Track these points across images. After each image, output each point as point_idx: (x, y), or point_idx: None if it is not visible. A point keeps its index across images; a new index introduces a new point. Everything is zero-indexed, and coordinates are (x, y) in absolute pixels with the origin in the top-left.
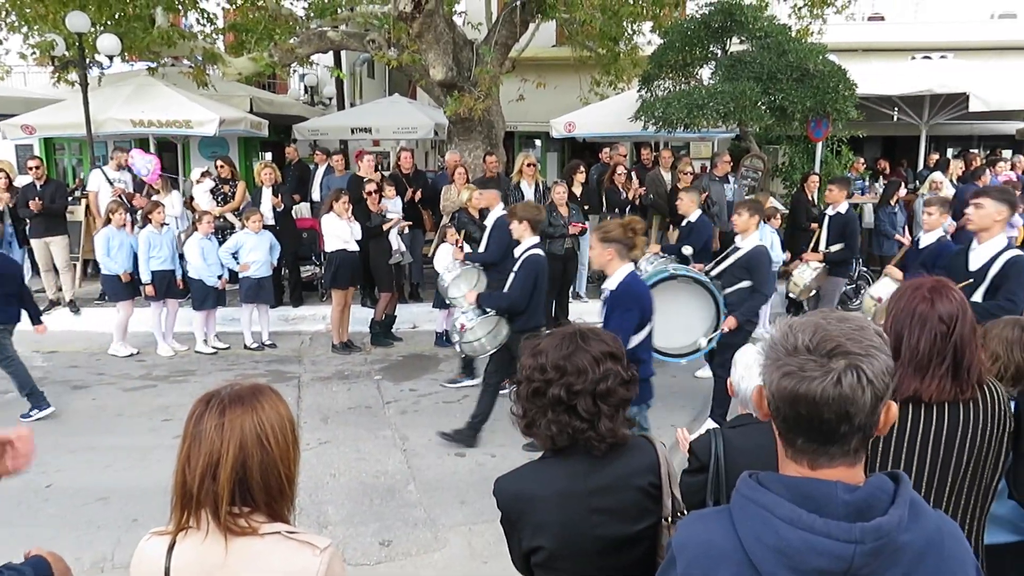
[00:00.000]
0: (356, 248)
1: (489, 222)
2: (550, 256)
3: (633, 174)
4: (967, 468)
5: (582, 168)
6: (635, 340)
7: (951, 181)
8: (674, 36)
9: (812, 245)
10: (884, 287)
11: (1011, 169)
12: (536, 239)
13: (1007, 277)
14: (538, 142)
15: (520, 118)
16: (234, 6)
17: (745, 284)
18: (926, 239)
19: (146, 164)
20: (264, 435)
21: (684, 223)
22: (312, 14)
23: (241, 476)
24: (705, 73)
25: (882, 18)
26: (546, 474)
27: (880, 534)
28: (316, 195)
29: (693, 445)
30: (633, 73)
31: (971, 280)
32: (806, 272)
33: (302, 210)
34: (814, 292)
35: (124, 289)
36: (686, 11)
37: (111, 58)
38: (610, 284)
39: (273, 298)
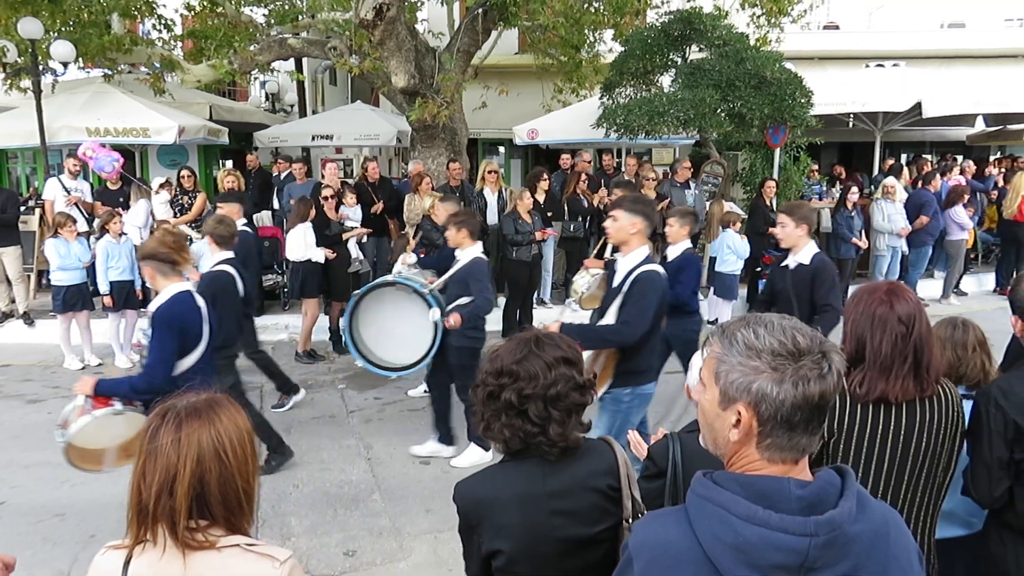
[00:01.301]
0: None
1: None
2: (518, 263)
3: (602, 180)
4: (923, 464)
5: (546, 176)
6: (184, 364)
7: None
8: (635, 44)
9: (596, 252)
10: (582, 281)
11: (960, 174)
12: (226, 254)
13: (629, 295)
14: (502, 149)
15: (483, 125)
16: (192, 13)
17: (465, 300)
18: (671, 252)
19: (110, 161)
20: (222, 448)
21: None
22: (272, 21)
23: (198, 491)
24: (665, 80)
25: (837, 27)
26: (505, 477)
27: (833, 526)
28: (276, 203)
29: (651, 450)
30: (595, 80)
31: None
32: (585, 279)
33: (263, 219)
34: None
35: (66, 301)
36: (646, 19)
37: (65, 65)
38: (152, 305)
39: None
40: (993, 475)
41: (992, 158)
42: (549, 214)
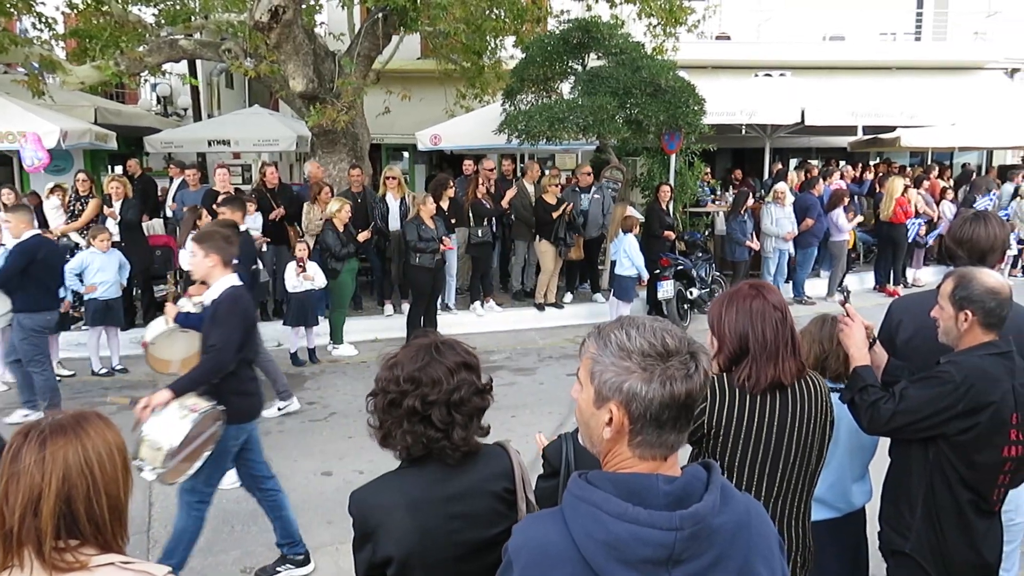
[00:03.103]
0: None
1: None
2: (421, 269)
3: (513, 181)
4: (797, 451)
5: (451, 183)
6: None
7: (791, 189)
8: (535, 51)
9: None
10: (156, 327)
11: (840, 178)
12: None
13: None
14: (405, 154)
15: (387, 130)
16: (76, 11)
17: None
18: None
19: (35, 155)
20: (89, 465)
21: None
22: (163, 21)
23: (65, 510)
24: (565, 87)
25: (728, 38)
26: (403, 483)
27: (697, 519)
28: (170, 211)
29: (546, 451)
30: (497, 86)
31: None
32: (159, 324)
33: (155, 227)
34: None
35: None
36: (547, 27)
37: None
38: None
39: (123, 320)
40: (909, 422)
41: (872, 163)
42: (453, 220)
